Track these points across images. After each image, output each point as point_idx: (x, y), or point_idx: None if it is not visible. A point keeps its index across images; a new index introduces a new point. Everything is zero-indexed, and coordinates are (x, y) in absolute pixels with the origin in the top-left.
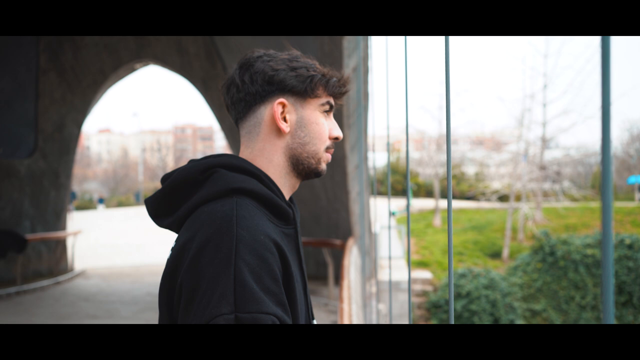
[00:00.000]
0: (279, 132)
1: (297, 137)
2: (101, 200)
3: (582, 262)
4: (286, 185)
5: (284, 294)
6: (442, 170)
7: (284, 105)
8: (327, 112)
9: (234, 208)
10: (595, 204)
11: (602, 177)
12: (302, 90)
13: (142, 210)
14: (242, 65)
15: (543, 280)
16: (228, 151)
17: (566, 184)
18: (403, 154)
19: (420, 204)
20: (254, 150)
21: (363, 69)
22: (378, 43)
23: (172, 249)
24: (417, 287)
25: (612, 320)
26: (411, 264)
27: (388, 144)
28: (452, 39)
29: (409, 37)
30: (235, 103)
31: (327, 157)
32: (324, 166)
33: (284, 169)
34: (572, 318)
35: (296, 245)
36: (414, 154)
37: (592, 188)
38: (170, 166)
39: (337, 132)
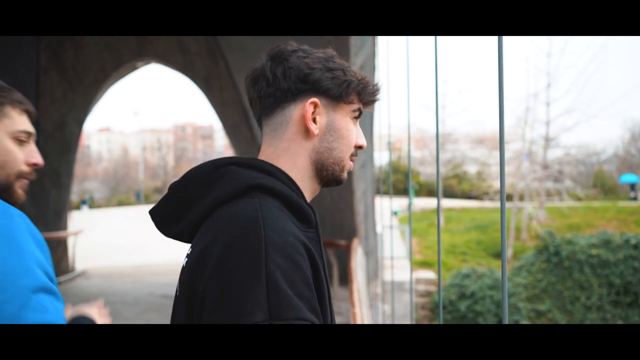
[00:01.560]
0: (307, 133)
1: (325, 141)
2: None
3: (587, 262)
4: (308, 189)
5: (316, 300)
6: (443, 169)
7: (315, 106)
8: (356, 118)
9: (258, 209)
10: (599, 204)
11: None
12: (336, 94)
13: (143, 209)
14: (274, 57)
15: (548, 280)
16: (229, 150)
17: (567, 183)
18: (403, 153)
19: (422, 203)
20: (277, 149)
21: (370, 67)
22: (382, 41)
23: (188, 256)
24: (421, 288)
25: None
26: (414, 264)
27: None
28: (455, 37)
29: (410, 37)
30: (262, 97)
31: (350, 165)
32: (345, 175)
33: (308, 173)
34: (577, 318)
35: (320, 251)
36: (415, 153)
37: (594, 187)
38: (171, 165)
39: (363, 141)
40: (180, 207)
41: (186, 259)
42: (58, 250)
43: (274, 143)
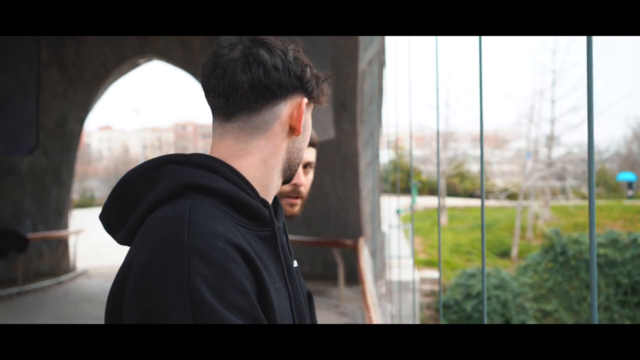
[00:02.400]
0: (289, 133)
1: (297, 142)
2: None
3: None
4: (273, 188)
5: (258, 309)
6: (446, 168)
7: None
8: None
9: (187, 211)
10: (604, 202)
11: (588, 176)
12: (315, 95)
13: None
14: (270, 48)
15: (554, 280)
16: None
17: (570, 182)
18: (404, 152)
19: (425, 202)
20: (250, 146)
21: (378, 63)
22: (390, 37)
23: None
24: (426, 287)
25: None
26: (418, 264)
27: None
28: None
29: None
30: (254, 89)
31: None
32: None
33: (277, 172)
34: (584, 318)
35: (276, 250)
36: (417, 152)
37: (597, 186)
38: None
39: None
40: (122, 211)
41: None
42: (59, 249)
43: (247, 140)
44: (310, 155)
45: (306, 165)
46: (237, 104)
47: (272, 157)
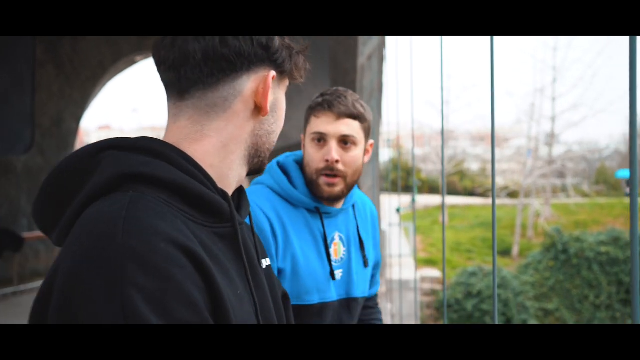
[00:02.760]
0: (255, 113)
1: (267, 124)
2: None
3: (596, 260)
4: (234, 177)
5: (208, 319)
6: (447, 166)
7: (272, 80)
8: None
9: (124, 208)
10: (604, 200)
11: (631, 173)
12: (287, 68)
13: None
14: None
15: (556, 278)
16: None
17: (570, 180)
18: (404, 150)
19: (425, 200)
20: (207, 128)
21: (378, 58)
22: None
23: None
24: (426, 286)
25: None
26: (419, 262)
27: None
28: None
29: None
30: (208, 60)
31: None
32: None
33: (238, 159)
34: (586, 318)
35: (238, 249)
36: (417, 150)
37: (596, 184)
38: None
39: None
40: (56, 207)
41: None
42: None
43: (203, 121)
44: (346, 128)
45: (345, 141)
46: (189, 78)
47: (233, 141)
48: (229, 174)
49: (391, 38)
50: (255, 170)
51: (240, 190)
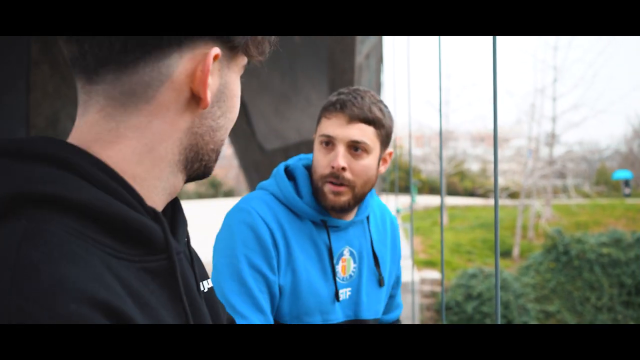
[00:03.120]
0: (192, 104)
1: (210, 118)
2: None
3: (598, 261)
4: (165, 189)
5: None
6: (447, 167)
7: (214, 60)
8: None
9: (16, 245)
10: (605, 201)
11: None
12: (240, 42)
13: None
14: None
15: (557, 280)
16: (229, 148)
17: (571, 180)
18: (404, 150)
19: (425, 201)
20: (123, 125)
21: (376, 57)
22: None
23: None
24: (426, 288)
25: None
26: (418, 264)
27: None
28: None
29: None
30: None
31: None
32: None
33: (173, 165)
34: (588, 320)
35: (176, 289)
36: (417, 151)
37: (597, 185)
38: None
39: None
40: None
41: None
42: None
43: (118, 115)
44: (358, 132)
45: (355, 147)
46: (95, 54)
47: (161, 142)
48: (157, 185)
49: (389, 37)
50: (197, 176)
51: (174, 205)
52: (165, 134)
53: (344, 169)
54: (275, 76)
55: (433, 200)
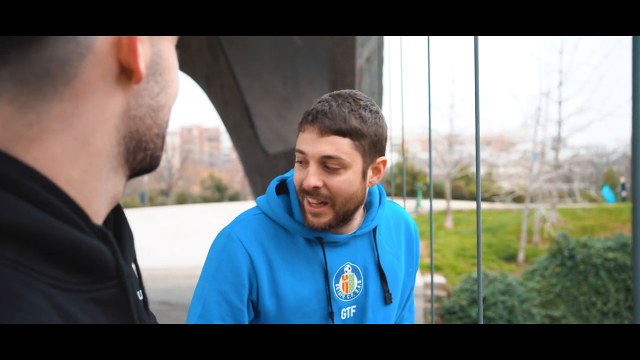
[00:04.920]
0: (122, 79)
1: (148, 95)
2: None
3: (604, 266)
4: (108, 191)
5: None
6: (452, 171)
7: None
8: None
9: None
10: (612, 205)
11: (633, 179)
12: None
13: (146, 212)
14: None
15: (562, 285)
16: (234, 152)
17: (577, 184)
18: (410, 155)
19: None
20: (45, 117)
21: (377, 60)
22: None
23: None
24: (430, 293)
25: None
26: (423, 268)
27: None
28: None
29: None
30: None
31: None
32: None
33: (112, 160)
34: None
35: (129, 316)
36: (422, 155)
37: (623, 189)
38: (176, 167)
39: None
40: None
41: None
42: None
43: (35, 104)
44: (329, 147)
45: (327, 164)
46: None
47: (94, 133)
48: (97, 188)
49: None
50: (142, 170)
51: (116, 214)
52: (97, 122)
53: (316, 187)
54: (277, 80)
55: (439, 204)
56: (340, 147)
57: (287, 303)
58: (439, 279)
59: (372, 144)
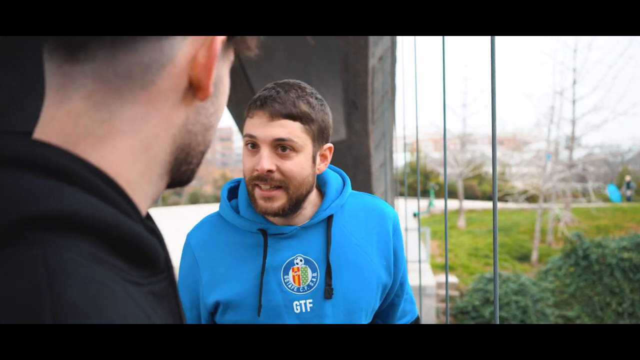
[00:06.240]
0: (188, 95)
1: (204, 114)
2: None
3: (618, 266)
4: (153, 194)
5: None
6: (464, 170)
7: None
8: None
9: (46, 281)
10: (628, 205)
11: None
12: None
13: (159, 211)
14: None
15: (576, 285)
16: None
17: (591, 184)
18: (422, 154)
19: (443, 204)
20: (117, 117)
21: (390, 59)
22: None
23: None
24: (443, 292)
25: None
26: (436, 268)
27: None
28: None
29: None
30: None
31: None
32: None
33: (162, 167)
34: None
35: (176, 310)
36: (434, 154)
37: (619, 188)
38: None
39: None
40: None
41: None
42: None
43: (111, 103)
44: (281, 130)
45: (282, 146)
46: (68, 42)
47: (156, 139)
48: (148, 191)
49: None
50: (180, 182)
51: (149, 217)
52: (161, 129)
53: (270, 171)
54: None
55: (451, 204)
56: (292, 130)
57: (231, 299)
58: (451, 278)
59: (320, 130)
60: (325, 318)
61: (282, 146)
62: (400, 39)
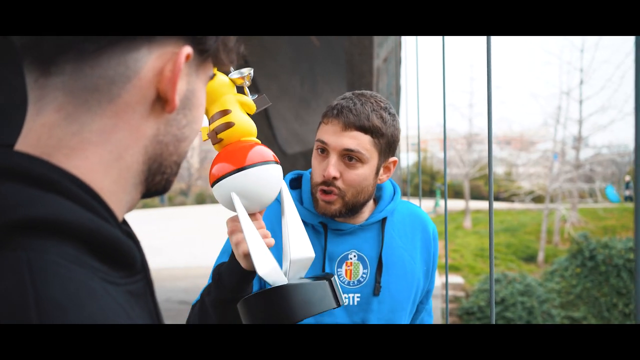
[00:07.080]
0: (157, 107)
1: (176, 125)
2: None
3: (625, 267)
4: (127, 204)
5: None
6: (471, 170)
7: (186, 60)
8: None
9: (31, 281)
10: (634, 205)
11: (635, 177)
12: (212, 46)
13: (166, 211)
14: None
15: (583, 286)
16: None
17: (598, 184)
18: (429, 154)
19: (449, 204)
20: (87, 129)
21: (395, 60)
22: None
23: None
24: (449, 293)
25: None
26: (441, 268)
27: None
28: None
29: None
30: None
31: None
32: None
33: (134, 177)
34: None
35: (152, 308)
36: (440, 154)
37: (626, 188)
38: (195, 167)
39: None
40: None
41: None
42: None
43: (80, 116)
44: (351, 141)
45: (349, 156)
46: (54, 40)
47: (127, 149)
48: (122, 199)
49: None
50: (155, 191)
51: (125, 222)
52: (130, 140)
53: (335, 178)
54: (295, 80)
55: (457, 204)
56: (362, 142)
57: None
58: (457, 279)
59: (388, 144)
60: (371, 313)
61: (349, 156)
62: (404, 40)
